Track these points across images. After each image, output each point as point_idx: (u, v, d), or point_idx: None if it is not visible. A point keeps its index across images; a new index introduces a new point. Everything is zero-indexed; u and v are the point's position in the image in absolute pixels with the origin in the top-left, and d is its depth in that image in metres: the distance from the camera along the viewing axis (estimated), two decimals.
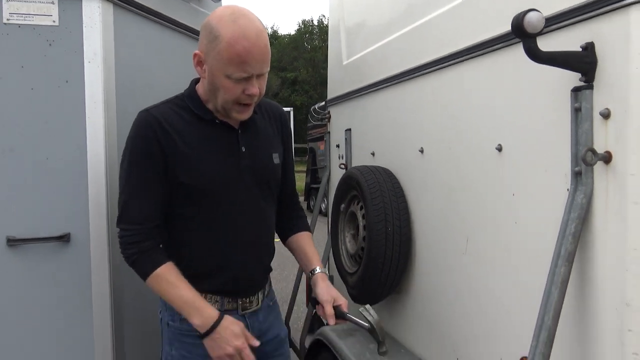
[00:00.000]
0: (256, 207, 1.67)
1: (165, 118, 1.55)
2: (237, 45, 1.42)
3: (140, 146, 1.54)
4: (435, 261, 1.98)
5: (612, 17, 1.18)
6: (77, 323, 1.73)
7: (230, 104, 1.53)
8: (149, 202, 1.55)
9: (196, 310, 1.50)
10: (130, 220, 1.54)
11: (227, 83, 1.48)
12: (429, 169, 2.00)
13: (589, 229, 1.25)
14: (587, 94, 1.22)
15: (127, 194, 1.55)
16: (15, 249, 1.66)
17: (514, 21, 1.20)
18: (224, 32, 1.43)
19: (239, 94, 1.50)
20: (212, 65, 1.48)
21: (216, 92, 1.52)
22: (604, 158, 1.20)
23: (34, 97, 1.67)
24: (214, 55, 1.46)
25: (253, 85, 1.50)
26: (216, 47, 1.44)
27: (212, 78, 1.50)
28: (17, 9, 1.62)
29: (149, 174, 1.54)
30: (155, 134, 1.52)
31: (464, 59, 1.72)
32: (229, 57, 1.44)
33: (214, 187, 1.58)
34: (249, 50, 1.43)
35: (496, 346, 1.62)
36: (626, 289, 1.15)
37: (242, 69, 1.45)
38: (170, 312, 1.61)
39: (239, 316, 1.65)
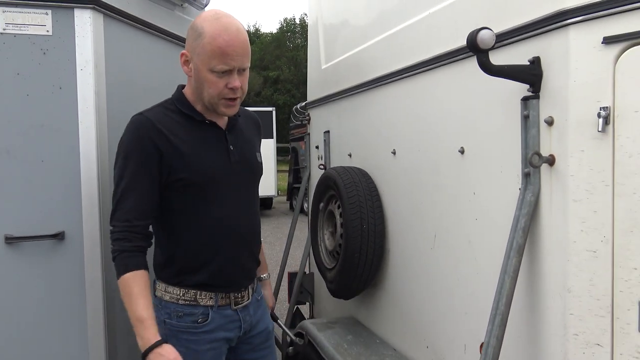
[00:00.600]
0: (246, 201, 1.78)
1: (159, 120, 1.64)
2: (219, 38, 1.56)
3: (135, 147, 1.62)
4: (407, 256, 2.11)
5: (555, 35, 1.32)
6: (71, 317, 1.82)
7: (216, 99, 1.64)
8: (140, 201, 1.62)
9: (142, 329, 1.53)
10: (120, 218, 1.60)
11: (211, 77, 1.61)
12: (400, 169, 2.14)
13: (537, 224, 1.39)
14: (534, 103, 1.37)
15: (120, 192, 1.62)
16: (12, 247, 1.75)
17: (468, 38, 1.34)
18: (207, 28, 1.58)
19: (222, 87, 1.62)
20: (197, 61, 1.61)
21: (202, 89, 1.64)
22: (548, 160, 1.34)
23: (29, 103, 1.76)
24: (199, 51, 1.59)
25: (235, 79, 1.62)
26: (200, 43, 1.58)
27: (198, 74, 1.63)
28: (13, 20, 1.72)
29: (143, 173, 1.62)
30: (150, 135, 1.61)
31: (430, 68, 1.86)
32: (212, 50, 1.57)
33: (210, 183, 1.68)
34: (230, 43, 1.57)
35: (460, 334, 1.76)
36: (568, 277, 1.30)
37: (224, 61, 1.58)
38: (166, 311, 1.69)
39: (232, 311, 1.74)
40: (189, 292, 1.69)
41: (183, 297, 1.69)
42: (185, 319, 1.68)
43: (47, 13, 1.75)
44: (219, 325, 1.72)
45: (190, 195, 1.67)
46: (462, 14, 1.69)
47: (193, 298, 1.69)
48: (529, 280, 1.43)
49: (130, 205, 1.61)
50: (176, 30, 2.34)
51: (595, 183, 1.26)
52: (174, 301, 1.69)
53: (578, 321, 1.29)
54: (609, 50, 1.23)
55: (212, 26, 1.58)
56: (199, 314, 1.69)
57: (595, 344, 1.28)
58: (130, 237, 1.60)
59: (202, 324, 1.69)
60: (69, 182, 1.81)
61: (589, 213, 1.27)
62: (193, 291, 1.69)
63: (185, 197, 1.67)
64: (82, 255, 1.83)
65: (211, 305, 1.70)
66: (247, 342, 1.83)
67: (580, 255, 1.28)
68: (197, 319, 1.69)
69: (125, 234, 1.60)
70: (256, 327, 1.85)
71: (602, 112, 1.23)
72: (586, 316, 1.28)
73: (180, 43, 2.38)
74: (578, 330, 1.29)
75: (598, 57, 1.24)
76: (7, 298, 1.77)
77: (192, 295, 1.69)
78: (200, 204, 1.68)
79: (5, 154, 1.74)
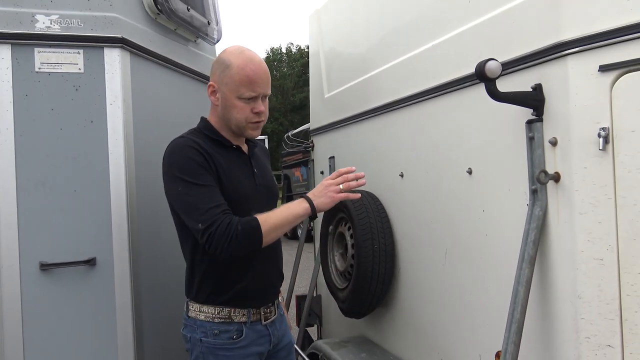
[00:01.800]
0: None
1: (198, 142, 1.74)
2: (246, 68, 1.73)
3: (194, 160, 1.69)
4: (418, 273, 2.21)
5: (554, 64, 1.46)
6: (103, 339, 1.89)
7: (243, 122, 1.79)
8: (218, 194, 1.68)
9: (296, 206, 1.72)
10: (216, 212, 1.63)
11: (239, 103, 1.75)
12: (409, 191, 2.25)
13: (546, 236, 1.51)
14: (538, 125, 1.50)
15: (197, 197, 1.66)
16: (47, 273, 1.83)
17: (476, 68, 1.47)
18: (234, 60, 1.74)
19: (249, 112, 1.77)
20: (225, 90, 1.76)
21: (229, 115, 1.78)
22: (554, 178, 1.46)
23: (62, 136, 1.87)
24: (227, 81, 1.74)
25: (260, 104, 1.78)
26: (229, 73, 1.74)
27: (225, 102, 1.77)
28: (47, 59, 1.84)
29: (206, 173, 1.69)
30: (201, 151, 1.71)
31: (438, 95, 1.99)
32: (240, 79, 1.73)
33: (242, 202, 1.77)
34: (256, 72, 1.74)
35: (475, 345, 1.85)
36: (577, 284, 1.41)
37: (252, 88, 1.74)
38: (202, 330, 1.76)
39: (262, 326, 1.83)
40: (223, 310, 1.77)
41: (218, 315, 1.77)
42: (221, 336, 1.76)
43: (79, 52, 1.87)
44: (252, 341, 1.80)
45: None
46: (466, 45, 1.83)
47: (227, 315, 1.77)
48: (541, 289, 1.53)
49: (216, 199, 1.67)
50: (190, 64, 2.47)
51: (599, 197, 1.38)
52: (210, 320, 1.76)
53: (589, 325, 1.39)
54: (605, 77, 1.37)
55: (239, 58, 1.74)
56: (233, 331, 1.77)
57: (607, 345, 1.38)
58: (230, 215, 1.66)
59: (237, 340, 1.77)
60: (99, 210, 1.90)
61: (594, 224, 1.39)
62: (227, 309, 1.77)
63: None
64: (112, 280, 1.91)
65: (244, 322, 1.79)
66: (273, 356, 1.92)
67: (588, 263, 1.39)
68: (232, 335, 1.77)
69: (229, 218, 1.64)
70: (282, 340, 1.94)
71: (602, 132, 1.35)
72: (596, 320, 1.39)
73: (194, 77, 2.51)
74: (590, 334, 1.39)
75: (595, 83, 1.38)
76: (43, 321, 1.84)
77: (226, 312, 1.77)
78: None
79: (41, 186, 1.83)
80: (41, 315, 1.84)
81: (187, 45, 2.51)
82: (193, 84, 2.51)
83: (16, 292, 1.82)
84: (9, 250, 1.81)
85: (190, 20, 2.40)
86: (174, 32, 2.36)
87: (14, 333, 1.82)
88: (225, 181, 1.75)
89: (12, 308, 1.82)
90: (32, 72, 1.84)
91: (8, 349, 1.81)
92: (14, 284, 1.82)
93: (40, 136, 1.84)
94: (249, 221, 1.67)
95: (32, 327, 1.83)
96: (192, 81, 2.50)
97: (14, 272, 1.82)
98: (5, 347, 1.81)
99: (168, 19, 2.24)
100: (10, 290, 1.82)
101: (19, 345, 1.82)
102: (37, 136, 1.84)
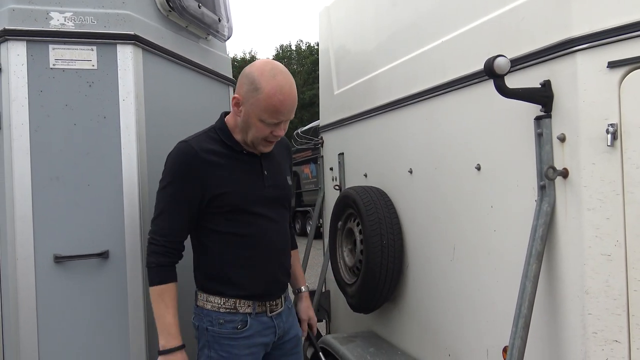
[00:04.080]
0: (278, 220, 1.93)
1: (202, 148, 1.80)
2: (274, 98, 1.72)
3: (177, 174, 1.78)
4: (426, 269, 2.23)
5: (563, 60, 1.47)
6: (115, 329, 1.93)
7: (259, 140, 1.82)
8: (177, 221, 1.79)
9: (166, 333, 1.75)
10: (159, 232, 1.78)
11: (259, 125, 1.78)
12: (418, 187, 2.27)
13: (554, 231, 1.52)
14: (547, 122, 1.51)
15: (160, 210, 1.80)
16: (61, 265, 1.87)
17: (485, 64, 1.48)
18: (264, 86, 1.71)
19: (267, 134, 1.80)
20: (248, 109, 1.77)
21: (248, 130, 1.81)
22: (562, 174, 1.47)
23: (76, 132, 1.90)
24: (253, 102, 1.75)
25: (280, 129, 1.81)
26: (256, 96, 1.73)
27: (247, 119, 1.79)
28: (62, 56, 1.87)
29: (183, 196, 1.78)
30: (194, 161, 1.77)
31: (447, 91, 2.00)
32: (266, 107, 1.73)
33: (247, 205, 1.83)
34: (284, 103, 1.74)
35: (482, 340, 1.86)
36: (585, 279, 1.42)
37: (275, 117, 1.76)
38: (208, 318, 1.82)
39: (267, 318, 1.87)
40: (228, 301, 1.82)
41: (223, 305, 1.82)
42: (226, 325, 1.81)
43: (92, 49, 1.90)
44: (257, 331, 1.85)
45: (228, 217, 1.82)
46: (475, 42, 1.84)
47: (233, 306, 1.82)
48: (548, 284, 1.54)
49: (170, 224, 1.80)
50: (201, 61, 2.50)
51: (607, 192, 1.39)
52: (215, 309, 1.82)
53: (596, 320, 1.40)
54: (614, 73, 1.37)
55: (270, 85, 1.71)
56: (238, 321, 1.82)
57: (614, 340, 1.39)
58: (168, 252, 1.79)
59: (241, 330, 1.81)
60: (112, 204, 1.93)
61: (602, 220, 1.39)
62: (233, 300, 1.82)
63: (223, 219, 1.82)
64: (125, 272, 1.94)
65: (249, 313, 1.83)
66: (279, 348, 1.95)
67: (596, 259, 1.40)
68: (236, 325, 1.81)
69: (164, 249, 1.78)
70: (288, 333, 1.97)
71: (610, 129, 1.36)
72: (604, 315, 1.40)
73: (205, 73, 2.53)
74: (597, 329, 1.41)
75: (604, 79, 1.39)
76: (57, 312, 1.89)
77: (231, 303, 1.82)
78: (237, 225, 1.82)
79: (55, 180, 1.87)
80: (55, 307, 1.88)
81: (198, 42, 2.54)
82: (204, 80, 2.53)
83: (31, 284, 1.86)
84: (24, 243, 1.86)
85: (202, 18, 2.42)
86: (185, 29, 2.39)
87: (29, 323, 1.87)
88: (222, 187, 1.79)
89: (27, 299, 1.86)
90: (46, 68, 1.87)
91: (23, 339, 1.86)
92: (29, 276, 1.86)
93: (55, 131, 1.88)
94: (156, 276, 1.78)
95: (46, 318, 1.88)
96: (203, 78, 2.52)
97: (29, 265, 1.86)
98: (21, 337, 1.86)
99: (180, 16, 2.27)
100: (25, 282, 1.86)
101: (33, 335, 1.86)
102: (52, 131, 1.88)
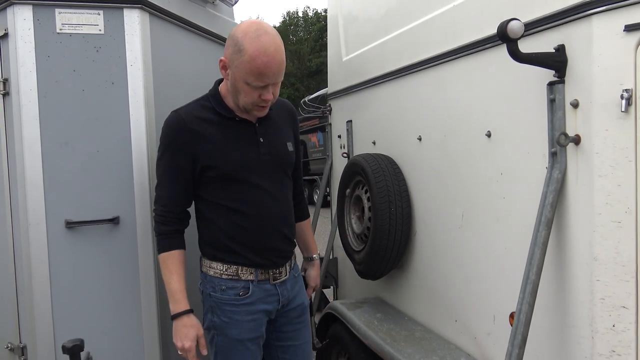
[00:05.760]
0: (277, 188, 1.91)
1: (192, 117, 1.79)
2: (257, 60, 1.66)
3: (169, 145, 1.80)
4: (434, 236, 2.23)
5: (578, 24, 1.43)
6: (127, 293, 1.98)
7: (249, 105, 1.78)
8: (173, 189, 1.83)
9: (173, 300, 1.79)
10: (160, 202, 1.83)
11: (246, 88, 1.73)
12: (427, 154, 2.25)
13: (564, 199, 1.51)
14: (560, 87, 1.48)
15: (158, 180, 1.84)
16: (73, 231, 1.90)
17: (498, 28, 1.45)
18: (247, 47, 1.66)
19: (256, 98, 1.76)
20: (234, 72, 1.73)
21: (237, 95, 1.78)
22: (574, 140, 1.46)
23: (85, 98, 1.90)
24: (237, 65, 1.70)
25: (268, 92, 1.76)
26: (240, 58, 1.68)
27: (234, 82, 1.75)
28: (69, 20, 1.85)
29: (175, 167, 1.80)
30: (181, 132, 1.77)
31: (457, 57, 1.97)
32: (250, 69, 1.68)
33: (239, 174, 1.81)
34: (268, 65, 1.68)
35: (489, 306, 1.88)
36: (594, 246, 1.42)
37: (260, 79, 1.71)
38: (211, 284, 1.84)
39: (271, 285, 1.88)
40: (230, 268, 1.84)
41: (226, 272, 1.84)
42: (228, 292, 1.83)
43: (99, 13, 1.88)
44: (259, 298, 1.86)
45: (222, 185, 1.82)
46: (487, 5, 1.80)
47: (235, 273, 1.83)
48: (557, 251, 1.54)
49: (167, 193, 1.84)
50: (208, 26, 2.47)
51: (619, 159, 1.37)
52: (218, 276, 1.84)
53: (604, 286, 1.41)
54: (630, 37, 1.34)
55: (253, 46, 1.65)
56: (240, 288, 1.84)
57: (621, 306, 1.39)
58: (168, 221, 1.83)
59: (243, 296, 1.83)
60: (122, 170, 1.95)
61: (614, 187, 1.38)
62: (235, 267, 1.84)
63: (218, 188, 1.82)
64: (135, 238, 1.97)
65: (251, 280, 1.85)
66: (284, 315, 1.97)
67: (606, 226, 1.40)
68: (238, 292, 1.83)
69: (163, 218, 1.82)
70: (293, 301, 1.98)
71: (625, 94, 1.34)
72: (612, 282, 1.40)
73: (211, 38, 2.51)
74: (604, 295, 1.41)
75: (620, 43, 1.36)
76: (69, 277, 1.93)
77: (234, 270, 1.83)
78: (232, 192, 1.82)
79: (65, 146, 1.88)
80: (67, 272, 1.92)
81: (205, 6, 2.50)
82: (211, 45, 2.51)
83: (43, 249, 1.90)
84: (35, 209, 1.88)
85: None
86: None
87: (42, 289, 1.91)
88: (214, 155, 1.79)
89: (40, 265, 1.90)
90: (53, 33, 1.86)
91: (37, 303, 1.90)
92: (41, 242, 1.89)
93: (63, 97, 1.88)
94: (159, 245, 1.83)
95: (59, 283, 1.91)
96: (210, 43, 2.50)
97: (40, 230, 1.88)
98: (35, 301, 1.90)
99: None
100: (37, 247, 1.89)
101: (47, 299, 1.91)
102: (60, 97, 1.88)
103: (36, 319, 1.90)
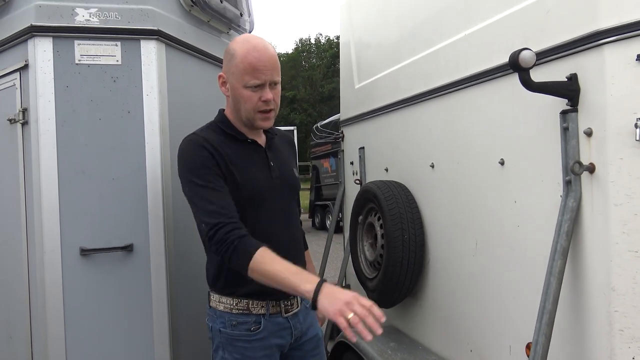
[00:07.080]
0: (288, 212, 1.90)
1: (211, 139, 1.76)
2: (249, 56, 1.70)
3: (201, 160, 1.71)
4: (448, 264, 2.21)
5: (591, 53, 1.44)
6: (140, 321, 1.97)
7: (252, 113, 1.77)
8: (226, 197, 1.68)
9: (303, 281, 1.53)
10: (220, 214, 1.64)
11: (245, 92, 1.74)
12: (439, 181, 2.25)
13: (579, 227, 1.49)
14: (573, 116, 1.48)
15: (205, 198, 1.67)
16: (87, 258, 1.92)
17: (510, 57, 1.46)
18: (238, 49, 1.73)
19: (257, 101, 1.75)
20: (232, 80, 1.76)
21: (239, 105, 1.78)
22: (588, 169, 1.45)
23: (101, 126, 1.94)
24: (233, 71, 1.74)
25: (267, 92, 1.75)
26: (234, 63, 1.73)
27: (234, 92, 1.77)
28: (87, 51, 1.91)
29: (215, 177, 1.70)
30: (209, 149, 1.73)
31: (470, 85, 1.98)
32: (244, 67, 1.71)
33: (256, 197, 1.78)
34: (260, 59, 1.71)
35: (505, 336, 1.84)
36: (611, 276, 1.39)
37: (256, 76, 1.72)
38: (221, 320, 1.78)
39: (283, 319, 1.82)
40: (241, 302, 1.78)
41: (236, 306, 1.78)
42: (239, 327, 1.77)
43: (117, 45, 1.93)
44: (271, 333, 1.80)
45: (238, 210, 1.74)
46: (499, 35, 1.81)
47: (245, 307, 1.78)
48: (574, 281, 1.52)
49: (222, 203, 1.67)
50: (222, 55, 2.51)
51: (635, 188, 1.36)
52: (228, 311, 1.78)
53: (623, 317, 1.38)
54: None
55: (243, 47, 1.73)
56: (251, 322, 1.78)
57: None
58: (238, 224, 1.65)
59: (255, 331, 1.77)
60: (137, 197, 1.97)
61: (630, 216, 1.37)
62: (245, 300, 1.78)
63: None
64: (148, 265, 1.98)
65: (263, 314, 1.79)
66: (299, 348, 1.91)
67: (623, 255, 1.38)
68: (250, 327, 1.77)
69: (233, 225, 1.64)
70: (307, 333, 1.92)
71: (639, 123, 1.33)
72: (630, 312, 1.37)
73: None
74: (623, 326, 1.38)
75: (633, 72, 1.36)
76: (83, 303, 1.93)
77: (244, 304, 1.78)
78: (246, 218, 1.75)
79: (82, 174, 1.91)
80: (81, 298, 1.93)
81: (220, 36, 2.55)
82: None
83: (58, 275, 1.91)
84: (51, 235, 1.90)
85: (223, 12, 2.44)
86: (207, 24, 2.41)
87: (56, 314, 1.92)
88: (237, 177, 1.75)
89: (54, 291, 1.91)
90: (72, 64, 1.91)
91: (51, 329, 1.91)
92: (56, 268, 1.91)
93: (80, 126, 1.92)
94: (248, 246, 1.62)
95: (72, 309, 1.92)
96: None
97: (55, 257, 1.90)
98: (48, 327, 1.90)
99: (202, 11, 2.28)
100: (52, 274, 1.91)
101: (60, 326, 1.91)
102: (77, 126, 1.92)
103: (49, 345, 1.90)
